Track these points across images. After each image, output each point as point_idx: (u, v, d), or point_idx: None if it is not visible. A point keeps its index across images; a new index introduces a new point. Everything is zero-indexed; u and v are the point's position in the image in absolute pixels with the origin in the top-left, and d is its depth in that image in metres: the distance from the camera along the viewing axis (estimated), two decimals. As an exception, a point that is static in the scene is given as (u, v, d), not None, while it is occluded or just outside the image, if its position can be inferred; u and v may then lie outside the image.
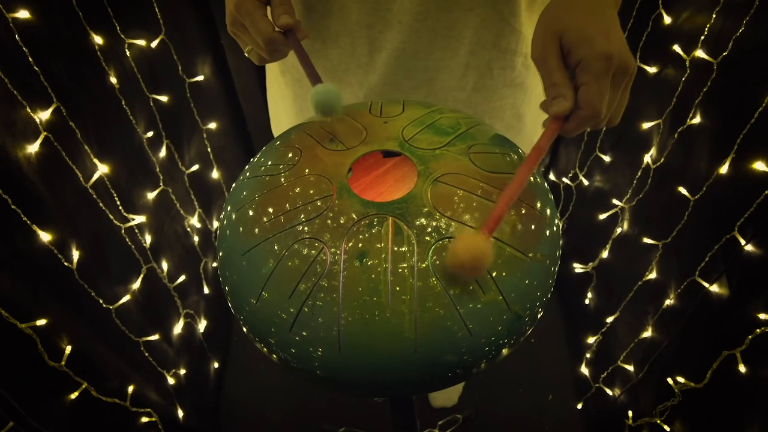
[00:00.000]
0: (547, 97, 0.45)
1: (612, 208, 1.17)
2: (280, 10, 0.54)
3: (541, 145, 0.44)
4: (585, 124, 0.44)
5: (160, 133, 1.06)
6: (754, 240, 0.72)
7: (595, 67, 0.42)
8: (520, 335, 0.45)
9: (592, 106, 0.43)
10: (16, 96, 0.67)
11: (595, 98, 0.43)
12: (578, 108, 0.44)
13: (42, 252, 0.71)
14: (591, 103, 0.43)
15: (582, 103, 0.43)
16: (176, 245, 1.15)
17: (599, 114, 0.43)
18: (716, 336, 0.81)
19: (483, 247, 0.38)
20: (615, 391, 1.15)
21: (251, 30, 0.55)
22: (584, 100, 0.43)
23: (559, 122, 0.45)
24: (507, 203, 0.41)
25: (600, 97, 0.43)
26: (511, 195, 0.41)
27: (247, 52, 0.60)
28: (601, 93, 0.43)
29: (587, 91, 0.43)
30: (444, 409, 1.35)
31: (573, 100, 0.44)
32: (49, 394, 0.73)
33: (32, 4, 0.69)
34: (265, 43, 0.54)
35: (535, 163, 0.43)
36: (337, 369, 0.42)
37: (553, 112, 0.44)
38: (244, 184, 0.50)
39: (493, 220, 0.40)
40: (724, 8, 0.79)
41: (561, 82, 0.44)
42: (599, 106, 0.43)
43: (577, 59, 0.43)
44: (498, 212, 0.40)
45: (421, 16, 0.62)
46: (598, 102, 0.43)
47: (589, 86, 0.43)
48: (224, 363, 1.44)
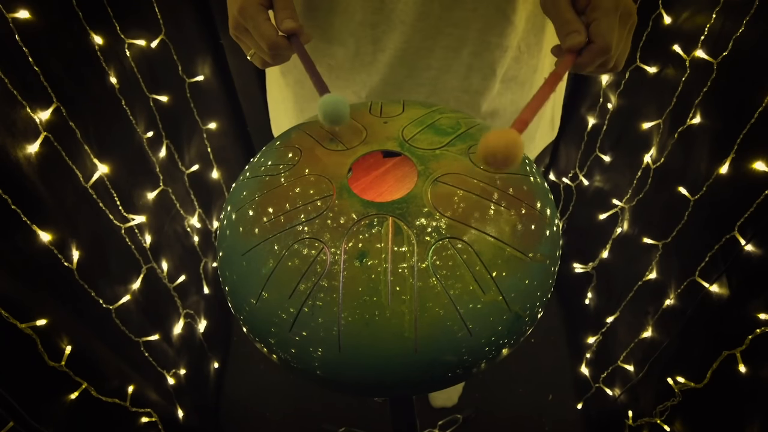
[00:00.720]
0: (560, 35, 0.48)
1: (612, 208, 1.17)
2: (284, 14, 0.54)
3: (558, 71, 0.46)
4: (597, 57, 0.47)
5: (160, 133, 1.06)
6: (754, 240, 0.72)
7: (605, 4, 0.46)
8: (520, 335, 0.45)
9: (604, 39, 0.46)
10: (16, 96, 0.67)
11: (605, 31, 0.46)
12: (591, 42, 0.47)
13: (42, 252, 0.71)
14: (603, 36, 0.46)
15: (594, 37, 0.46)
16: (176, 245, 1.15)
17: (610, 47, 0.46)
18: (716, 336, 0.81)
19: (516, 138, 0.39)
20: (615, 391, 1.15)
21: (254, 34, 0.54)
22: (596, 33, 0.46)
23: (573, 56, 0.47)
24: (534, 111, 0.43)
25: (610, 30, 0.46)
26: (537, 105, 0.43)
27: (250, 56, 0.60)
28: (611, 27, 0.46)
29: (598, 25, 0.46)
30: (444, 409, 1.35)
31: (585, 34, 0.47)
32: (49, 394, 0.73)
33: (32, 4, 0.69)
34: (268, 48, 0.54)
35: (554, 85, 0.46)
36: (337, 369, 0.42)
37: (568, 45, 0.47)
38: (244, 184, 0.50)
39: (520, 122, 0.41)
40: (724, 8, 0.79)
41: (573, 18, 0.47)
42: (610, 39, 0.46)
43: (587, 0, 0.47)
44: (525, 116, 0.42)
45: (424, 16, 0.62)
46: (609, 35, 0.46)
47: (599, 21, 0.46)
48: (224, 363, 1.44)
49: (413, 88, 0.69)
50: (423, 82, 0.69)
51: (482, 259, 0.41)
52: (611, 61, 0.49)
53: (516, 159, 0.39)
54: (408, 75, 0.68)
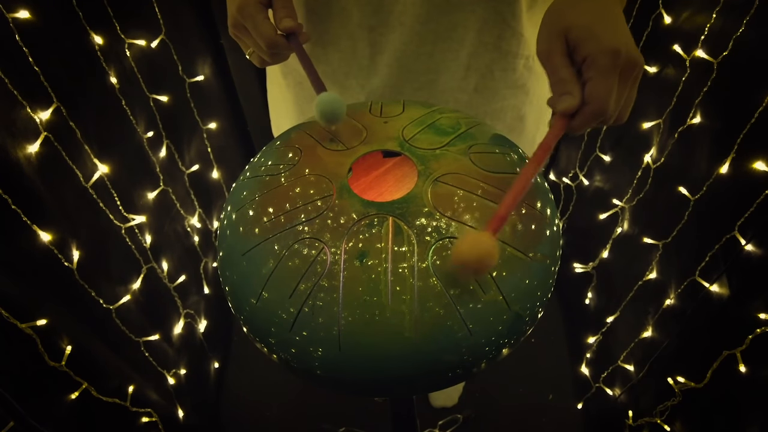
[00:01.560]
0: (554, 94, 0.44)
1: (612, 208, 1.17)
2: (282, 13, 0.54)
3: (547, 143, 0.43)
4: (592, 120, 0.43)
5: (160, 133, 1.06)
6: (754, 240, 0.72)
7: (602, 62, 0.41)
8: (520, 335, 0.45)
9: (600, 102, 0.42)
10: (16, 96, 0.67)
11: (602, 93, 0.42)
12: (585, 104, 0.43)
13: (42, 252, 0.71)
14: (598, 99, 0.42)
15: (589, 99, 0.42)
16: (176, 245, 1.15)
17: (606, 110, 0.42)
18: (716, 336, 0.81)
19: (488, 246, 0.37)
20: (615, 391, 1.15)
21: (253, 33, 0.54)
22: (591, 95, 0.42)
23: (566, 120, 0.44)
24: (513, 202, 0.40)
25: (607, 92, 0.42)
26: (517, 194, 0.40)
27: (249, 55, 0.60)
28: (608, 88, 0.42)
29: (594, 86, 0.42)
30: (444, 409, 1.35)
31: (580, 96, 0.43)
32: (49, 394, 0.73)
33: (32, 4, 0.69)
34: (267, 46, 0.54)
35: (541, 162, 0.42)
36: (337, 369, 0.42)
37: (561, 109, 0.43)
38: (244, 184, 0.50)
39: (497, 220, 0.39)
40: (724, 8, 0.79)
41: (568, 78, 0.43)
42: (606, 102, 0.42)
43: (584, 55, 0.42)
44: (503, 211, 0.39)
45: (422, 18, 0.62)
46: (606, 97, 0.42)
47: (595, 81, 0.42)
48: (224, 363, 1.44)
49: (412, 91, 0.69)
50: (421, 84, 0.69)
51: (482, 259, 0.41)
52: (610, 120, 0.45)
53: (488, 268, 0.38)
54: (406, 78, 0.68)
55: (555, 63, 0.44)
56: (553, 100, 0.44)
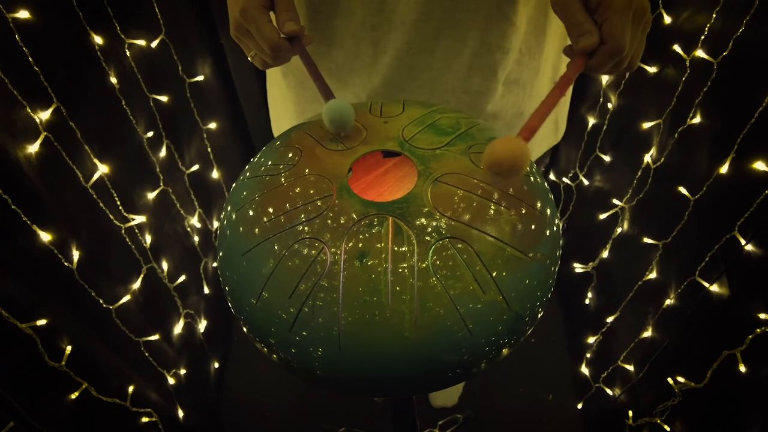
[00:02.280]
0: (571, 37, 0.47)
1: (612, 208, 1.17)
2: (285, 16, 0.54)
3: (568, 75, 0.45)
4: (609, 59, 0.46)
5: (160, 133, 1.06)
6: (754, 240, 0.72)
7: (617, 3, 0.44)
8: (520, 335, 0.45)
9: (617, 40, 0.44)
10: (16, 96, 0.67)
11: (618, 31, 0.44)
12: (603, 43, 0.45)
13: (42, 252, 0.71)
14: (615, 37, 0.44)
15: (606, 38, 0.45)
16: (176, 245, 1.15)
17: (623, 47, 0.45)
18: (716, 336, 0.81)
19: (521, 147, 0.39)
20: (615, 391, 1.15)
21: (256, 36, 0.54)
22: (609, 33, 0.44)
23: (585, 58, 0.46)
24: (541, 118, 0.42)
25: (623, 30, 0.44)
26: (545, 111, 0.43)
27: (251, 57, 0.60)
28: (624, 27, 0.44)
29: (611, 25, 0.44)
30: (444, 409, 1.35)
31: (598, 35, 0.45)
32: (49, 394, 0.73)
33: (32, 4, 0.69)
34: (270, 49, 0.54)
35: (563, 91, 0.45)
36: (337, 369, 0.42)
37: (581, 47, 0.45)
38: (244, 184, 0.50)
39: (527, 130, 0.41)
40: (724, 8, 0.79)
41: (584, 20, 0.45)
42: (623, 40, 0.44)
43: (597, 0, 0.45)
44: (533, 123, 0.42)
45: (425, 16, 0.62)
46: (622, 35, 0.44)
47: (612, 21, 0.44)
48: (224, 363, 1.44)
49: (414, 90, 0.69)
50: (423, 83, 0.69)
51: (482, 258, 0.41)
52: (625, 61, 0.47)
53: (521, 169, 0.39)
54: (408, 76, 0.68)
55: (571, 9, 0.46)
56: (573, 41, 0.47)
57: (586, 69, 0.47)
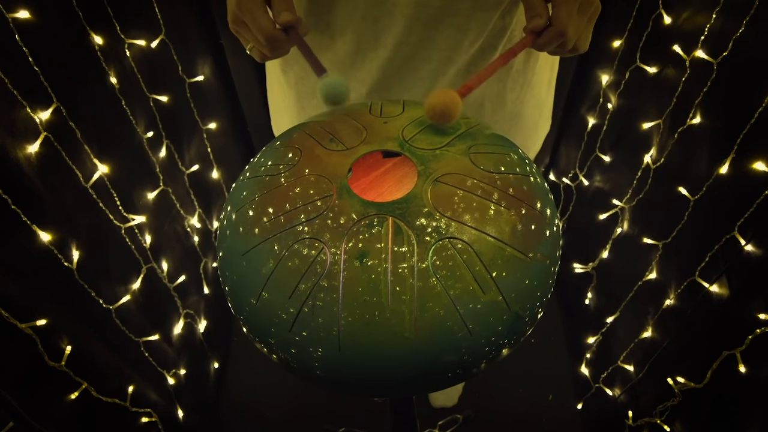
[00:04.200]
0: (527, 18, 0.55)
1: (612, 208, 1.17)
2: (281, 6, 0.54)
3: (514, 49, 0.54)
4: (554, 39, 0.53)
5: (160, 133, 1.06)
6: (754, 240, 0.72)
7: None
8: (520, 335, 0.45)
9: (561, 23, 0.52)
10: (16, 96, 0.67)
11: (563, 17, 0.52)
12: (550, 25, 0.53)
13: (42, 252, 0.71)
14: (560, 21, 0.52)
15: (553, 21, 0.53)
16: (176, 245, 1.15)
17: (565, 31, 0.53)
18: (716, 336, 0.81)
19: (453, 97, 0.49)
20: (615, 391, 1.15)
21: (252, 27, 0.55)
22: (555, 17, 0.53)
23: (533, 36, 0.54)
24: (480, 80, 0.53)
25: (568, 16, 0.52)
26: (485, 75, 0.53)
27: (249, 50, 0.60)
28: (569, 13, 0.52)
29: (558, 11, 0.52)
30: (444, 409, 1.35)
31: (547, 17, 0.53)
32: (49, 394, 0.73)
33: (32, 4, 0.69)
34: (266, 41, 0.54)
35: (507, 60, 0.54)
36: (337, 369, 0.42)
37: (530, 27, 0.54)
38: (244, 184, 0.50)
39: (465, 87, 0.51)
40: (724, 8, 0.79)
41: (538, 4, 0.53)
42: (567, 24, 0.52)
43: None
44: (471, 83, 0.52)
45: (425, 7, 0.62)
46: (566, 20, 0.52)
47: (559, 8, 0.52)
48: (224, 363, 1.44)
49: (415, 82, 0.69)
50: (424, 75, 0.69)
51: (482, 259, 0.41)
52: (569, 43, 0.54)
53: (452, 115, 0.49)
54: (410, 68, 0.68)
55: None
56: (526, 21, 0.55)
57: (534, 46, 0.55)
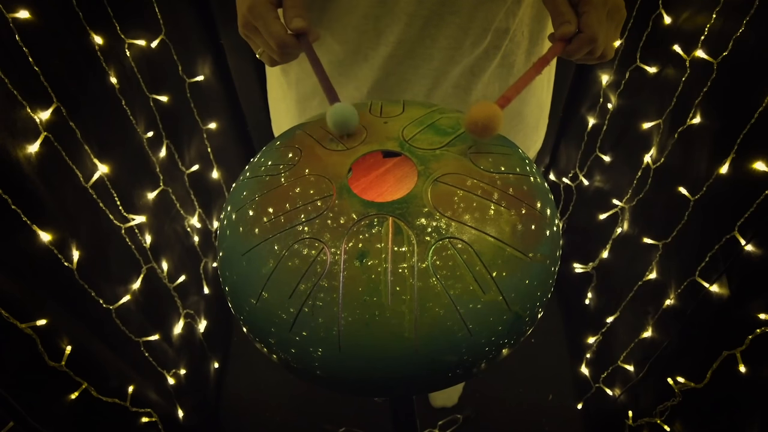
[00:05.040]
0: (554, 25, 0.53)
1: (612, 208, 1.17)
2: (293, 12, 0.54)
3: (546, 57, 0.52)
4: (585, 46, 0.52)
5: (160, 133, 1.06)
6: (754, 240, 0.72)
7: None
8: (520, 335, 0.45)
9: (592, 29, 0.51)
10: (16, 96, 0.67)
11: (594, 23, 0.51)
12: (580, 32, 0.52)
13: (42, 252, 0.71)
14: (591, 27, 0.51)
15: (583, 27, 0.52)
16: (176, 245, 1.15)
17: (597, 37, 0.52)
18: (716, 336, 0.81)
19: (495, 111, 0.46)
20: (615, 391, 1.15)
21: (264, 33, 0.55)
22: (585, 24, 0.52)
23: (563, 43, 0.53)
24: (517, 90, 0.50)
25: (598, 22, 0.51)
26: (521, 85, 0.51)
27: (259, 54, 0.60)
28: (599, 19, 0.51)
29: (588, 17, 0.51)
30: (444, 409, 1.34)
31: (576, 24, 0.52)
32: (49, 394, 0.73)
33: (32, 4, 0.69)
34: (277, 46, 0.54)
35: (541, 69, 0.52)
36: (337, 369, 0.42)
37: (560, 34, 0.52)
38: (244, 184, 0.50)
39: (504, 99, 0.49)
40: (724, 8, 0.79)
41: (567, 11, 0.52)
42: (597, 30, 0.51)
43: None
44: (509, 94, 0.50)
45: (426, 5, 0.62)
46: (597, 26, 0.51)
47: (589, 14, 0.51)
48: (224, 363, 1.44)
49: (416, 80, 0.69)
50: (426, 73, 0.69)
51: (482, 259, 0.41)
52: (598, 50, 0.53)
53: (494, 129, 0.46)
54: (411, 66, 0.68)
55: (557, 1, 0.53)
56: (555, 28, 0.53)
57: (563, 53, 0.54)
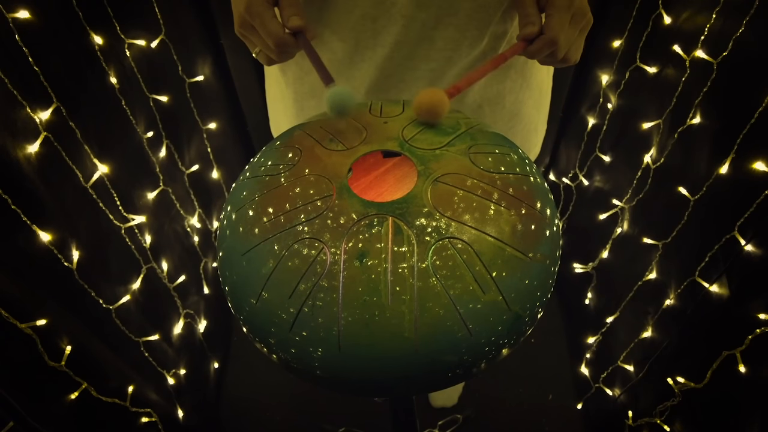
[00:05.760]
0: (520, 25, 0.56)
1: (612, 208, 1.17)
2: (290, 11, 0.54)
3: (504, 54, 0.55)
4: (546, 47, 0.54)
5: (160, 133, 1.06)
6: (754, 240, 0.72)
7: (558, 3, 0.53)
8: (520, 335, 0.45)
9: (553, 32, 0.53)
10: (16, 96, 0.67)
11: (556, 26, 0.53)
12: (542, 33, 0.54)
13: (42, 252, 0.71)
14: (553, 29, 0.53)
15: (546, 29, 0.54)
16: (176, 245, 1.15)
17: (557, 40, 0.53)
18: (716, 336, 0.81)
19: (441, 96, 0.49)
20: (615, 391, 1.15)
21: (261, 32, 0.55)
22: (548, 26, 0.54)
23: (524, 43, 0.55)
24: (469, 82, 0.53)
25: (560, 26, 0.53)
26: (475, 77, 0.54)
27: (256, 54, 0.60)
28: (562, 23, 0.53)
29: (551, 19, 0.54)
30: (444, 409, 1.35)
31: (540, 26, 0.54)
32: (49, 394, 0.73)
33: (32, 4, 0.69)
34: (275, 45, 0.54)
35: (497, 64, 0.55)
36: (337, 369, 0.42)
37: (523, 34, 0.55)
38: (244, 184, 0.50)
39: (454, 88, 0.51)
40: (724, 8, 0.79)
41: (533, 13, 0.54)
42: (558, 33, 0.53)
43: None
44: (461, 84, 0.52)
45: (424, 6, 0.62)
46: (558, 29, 0.53)
47: (552, 17, 0.54)
48: (224, 363, 1.44)
49: (414, 81, 0.69)
50: (423, 74, 0.69)
51: (482, 259, 0.41)
52: (559, 52, 0.55)
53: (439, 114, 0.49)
54: (409, 67, 0.68)
55: (525, 3, 0.55)
56: (520, 28, 0.56)
57: (525, 53, 0.56)
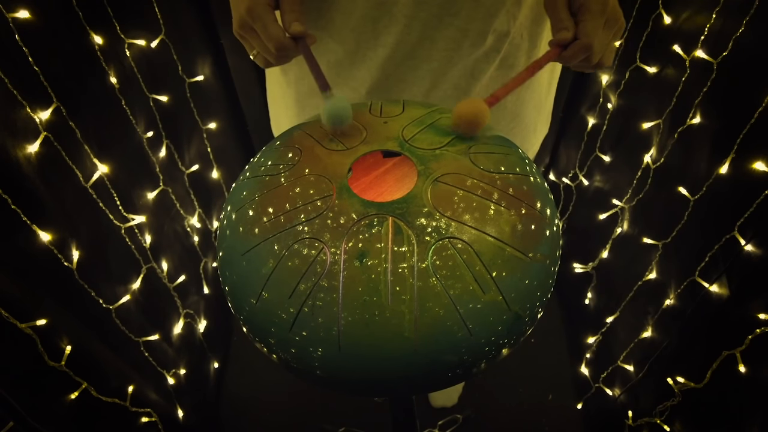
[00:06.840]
0: (553, 31, 0.55)
1: (612, 208, 1.17)
2: (292, 17, 0.54)
3: (539, 61, 0.54)
4: (580, 53, 0.53)
5: (160, 133, 1.06)
6: (754, 240, 0.72)
7: (593, 7, 0.53)
8: (520, 335, 0.45)
9: (588, 37, 0.53)
10: (16, 96, 0.67)
11: (590, 31, 0.52)
12: (577, 39, 0.53)
13: (42, 252, 0.71)
14: (587, 35, 0.53)
15: (580, 35, 0.53)
16: (176, 245, 1.15)
17: (592, 45, 0.53)
18: (716, 336, 0.81)
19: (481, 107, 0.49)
20: (615, 391, 1.15)
21: (262, 35, 0.54)
22: (582, 32, 0.53)
23: (559, 49, 0.54)
24: (508, 90, 0.52)
25: (595, 31, 0.53)
26: (513, 86, 0.53)
27: (253, 56, 0.60)
28: (596, 28, 0.53)
29: (585, 25, 0.53)
30: (444, 409, 1.35)
31: (574, 31, 0.53)
32: (49, 394, 0.73)
33: (32, 4, 0.69)
34: (275, 48, 0.54)
35: (534, 71, 0.54)
36: (337, 369, 0.42)
37: (557, 40, 0.54)
38: (244, 184, 0.50)
39: (493, 97, 0.51)
40: (724, 8, 0.79)
41: (566, 18, 0.54)
42: (593, 38, 0.53)
43: (579, 3, 0.53)
44: (499, 93, 0.52)
45: (425, 7, 0.62)
46: (593, 35, 0.53)
47: (586, 22, 0.53)
48: (224, 363, 1.44)
49: (415, 81, 0.69)
50: (424, 74, 0.69)
51: (482, 259, 0.41)
52: (594, 57, 0.54)
53: (480, 125, 0.49)
54: (409, 67, 0.68)
55: (557, 7, 0.54)
56: (553, 34, 0.55)
57: (559, 59, 0.55)
